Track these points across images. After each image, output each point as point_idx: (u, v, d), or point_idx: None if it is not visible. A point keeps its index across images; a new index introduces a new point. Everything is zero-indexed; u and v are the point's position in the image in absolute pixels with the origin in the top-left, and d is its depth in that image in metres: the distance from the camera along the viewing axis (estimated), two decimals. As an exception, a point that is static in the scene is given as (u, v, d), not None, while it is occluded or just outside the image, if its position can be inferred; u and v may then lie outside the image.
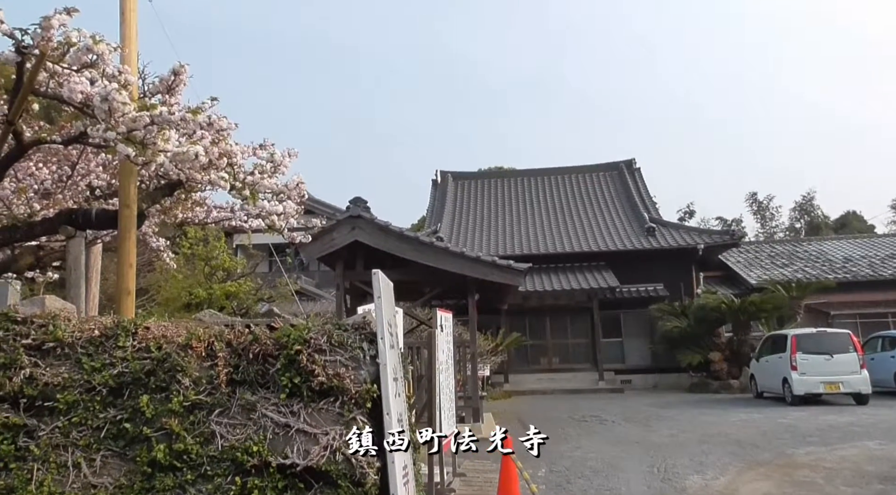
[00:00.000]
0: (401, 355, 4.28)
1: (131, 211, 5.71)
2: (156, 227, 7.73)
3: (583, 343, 26.80)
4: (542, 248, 27.34)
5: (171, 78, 5.88)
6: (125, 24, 5.74)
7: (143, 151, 4.94)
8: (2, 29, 4.77)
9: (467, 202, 33.12)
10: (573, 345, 27.09)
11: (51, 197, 6.95)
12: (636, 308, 26.43)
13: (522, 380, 24.94)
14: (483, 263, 14.35)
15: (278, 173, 6.38)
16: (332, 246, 13.57)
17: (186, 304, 17.38)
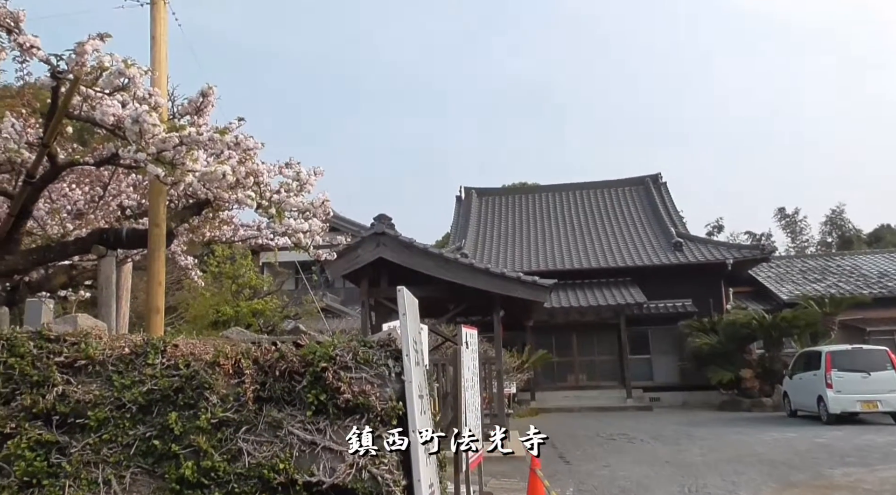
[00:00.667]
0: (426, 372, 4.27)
1: (161, 230, 5.81)
2: (184, 246, 7.85)
3: (610, 360, 26.45)
4: (568, 264, 27.14)
5: (200, 99, 6.01)
6: (156, 47, 5.89)
7: (172, 171, 5.04)
8: (38, 55, 4.93)
9: (492, 218, 33.10)
10: (600, 362, 26.74)
11: (83, 217, 7.12)
12: (664, 324, 26.04)
13: (549, 398, 24.67)
14: (508, 279, 14.29)
15: (304, 191, 6.45)
16: (356, 263, 13.64)
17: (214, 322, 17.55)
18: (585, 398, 24.60)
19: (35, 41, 4.91)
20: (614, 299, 25.20)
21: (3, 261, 5.89)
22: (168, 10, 5.94)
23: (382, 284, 14.07)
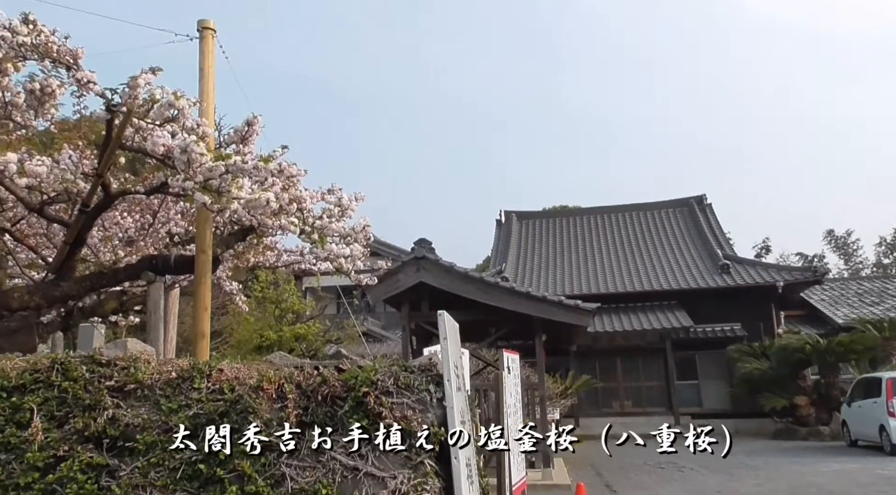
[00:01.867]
0: (468, 398, 4.22)
1: (207, 256, 5.95)
2: (229, 271, 8.02)
3: (656, 385, 25.79)
4: (611, 287, 26.72)
5: (245, 128, 6.17)
6: (204, 79, 6.08)
7: (218, 199, 5.16)
8: (94, 89, 5.15)
9: (532, 241, 32.93)
10: (646, 388, 26.09)
11: (134, 244, 7.35)
12: (712, 348, 25.30)
13: (594, 424, 24.08)
14: (550, 303, 14.12)
15: (345, 217, 6.54)
16: (397, 287, 13.68)
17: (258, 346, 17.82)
18: (632, 425, 23.81)
19: (92, 76, 5.14)
20: (660, 323, 24.65)
21: (59, 287, 6.10)
22: (216, 43, 6.16)
23: (423, 308, 14.07)
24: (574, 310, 14.10)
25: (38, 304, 6.02)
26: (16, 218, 7.33)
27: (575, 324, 14.48)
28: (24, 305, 5.85)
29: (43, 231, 7.49)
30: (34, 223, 7.37)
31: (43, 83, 5.15)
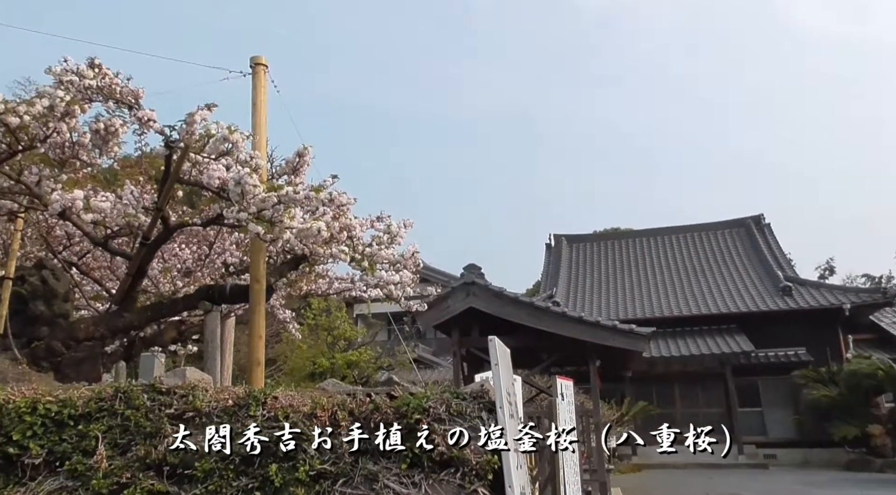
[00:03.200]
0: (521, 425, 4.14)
1: (261, 285, 6.07)
2: (283, 300, 8.17)
3: (716, 412, 24.82)
4: (667, 311, 26.04)
5: (296, 159, 6.33)
6: (256, 113, 6.28)
7: (271, 229, 5.28)
8: (154, 127, 5.39)
9: (583, 265, 32.49)
10: (705, 415, 25.13)
11: (191, 275, 7.58)
12: (775, 374, 24.25)
13: (651, 453, 23.31)
14: (603, 328, 13.83)
15: (395, 244, 6.60)
16: (447, 313, 13.65)
17: (311, 374, 18.01)
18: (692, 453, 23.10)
19: (152, 115, 5.38)
20: (718, 348, 23.83)
21: (122, 318, 6.32)
22: (267, 77, 6.36)
23: (474, 334, 13.98)
24: (628, 334, 13.78)
25: (103, 335, 6.25)
26: (82, 252, 7.68)
27: (629, 349, 14.13)
28: (89, 336, 6.08)
29: (107, 264, 7.82)
30: (99, 256, 7.70)
31: (107, 123, 5.41)
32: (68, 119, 5.20)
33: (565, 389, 7.88)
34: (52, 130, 5.21)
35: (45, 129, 5.19)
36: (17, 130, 5.05)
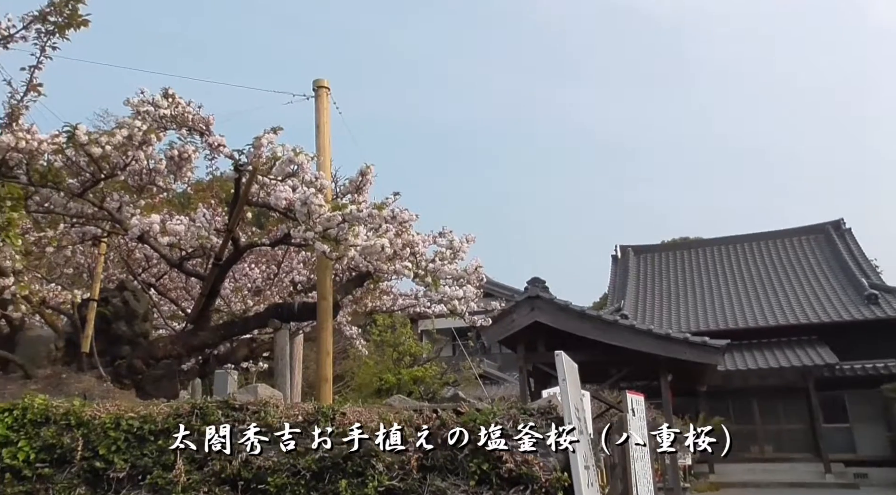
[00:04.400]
0: (591, 441, 4.04)
1: (328, 302, 6.18)
2: (349, 317, 8.29)
3: (800, 428, 23.56)
4: (741, 323, 25.00)
5: (359, 178, 6.45)
6: (320, 134, 6.44)
7: (336, 247, 5.38)
8: (224, 152, 5.60)
9: (651, 276, 31.63)
10: (788, 431, 23.90)
11: (261, 293, 7.80)
12: (864, 387, 22.84)
13: (730, 471, 22.33)
14: (674, 341, 13.43)
15: (457, 259, 6.60)
16: (512, 328, 13.56)
17: (377, 390, 18.15)
18: (774, 472, 21.95)
19: (222, 140, 5.61)
20: (799, 360, 22.67)
21: (197, 336, 6.56)
22: (330, 99, 6.52)
23: (539, 349, 13.82)
24: (701, 347, 13.33)
25: (180, 353, 6.49)
26: (159, 273, 8.03)
27: (702, 362, 13.66)
28: (167, 354, 6.33)
29: (182, 284, 8.15)
30: (175, 278, 8.04)
31: (180, 149, 5.66)
32: (145, 147, 5.46)
33: (636, 404, 7.65)
34: (130, 158, 5.49)
35: (124, 158, 5.47)
36: (100, 160, 5.34)
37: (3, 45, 5.49)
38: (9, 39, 5.46)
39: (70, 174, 5.50)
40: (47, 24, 5.35)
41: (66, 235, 6.21)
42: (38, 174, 5.35)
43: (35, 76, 5.55)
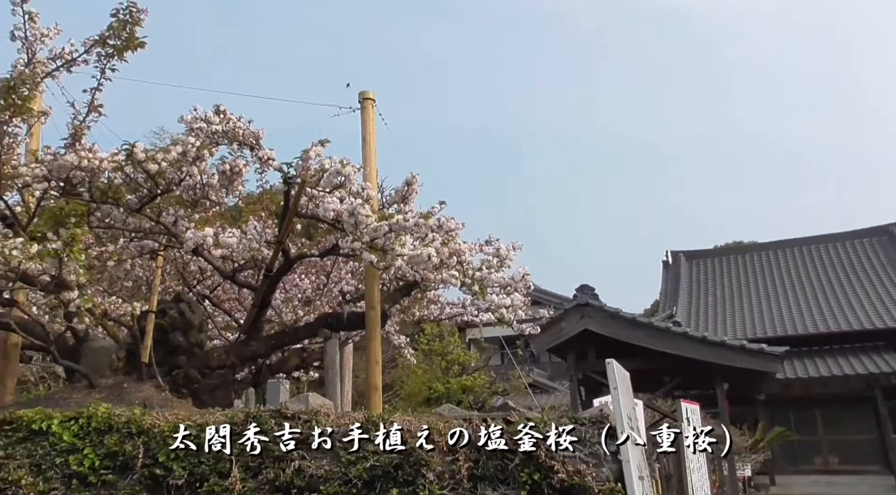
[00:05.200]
0: (645, 451, 3.94)
1: (376, 312, 6.23)
2: (397, 326, 8.34)
3: (867, 439, 22.48)
4: (801, 329, 24.07)
5: (405, 188, 6.50)
6: (366, 145, 6.52)
7: (383, 257, 5.42)
8: (273, 165, 5.73)
9: (704, 282, 30.81)
10: (854, 442, 22.84)
11: (311, 303, 7.92)
12: (936, 395, 21.68)
13: (792, 483, 21.46)
14: (729, 348, 13.04)
15: (504, 267, 6.56)
16: (561, 336, 13.41)
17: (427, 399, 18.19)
18: (840, 485, 20.99)
19: (271, 154, 5.74)
20: (865, 367, 21.69)
21: (249, 346, 6.70)
22: (376, 111, 6.60)
23: (590, 357, 13.61)
24: (758, 355, 12.91)
25: (234, 363, 6.64)
26: (213, 285, 8.25)
27: (760, 370, 13.22)
28: (222, 364, 6.48)
29: (235, 296, 8.35)
30: (228, 289, 8.24)
31: (232, 164, 5.82)
32: (199, 162, 5.64)
33: (691, 413, 7.45)
34: (185, 174, 5.68)
35: (179, 173, 5.65)
36: (156, 176, 5.54)
37: (67, 68, 5.77)
38: (72, 63, 5.74)
39: (128, 190, 5.72)
40: (107, 47, 5.59)
41: (125, 249, 6.45)
42: (100, 191, 5.58)
43: (96, 97, 5.80)
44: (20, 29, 5.62)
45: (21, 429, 4.25)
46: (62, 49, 5.73)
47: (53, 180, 5.45)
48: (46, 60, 5.72)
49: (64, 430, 4.18)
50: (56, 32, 5.74)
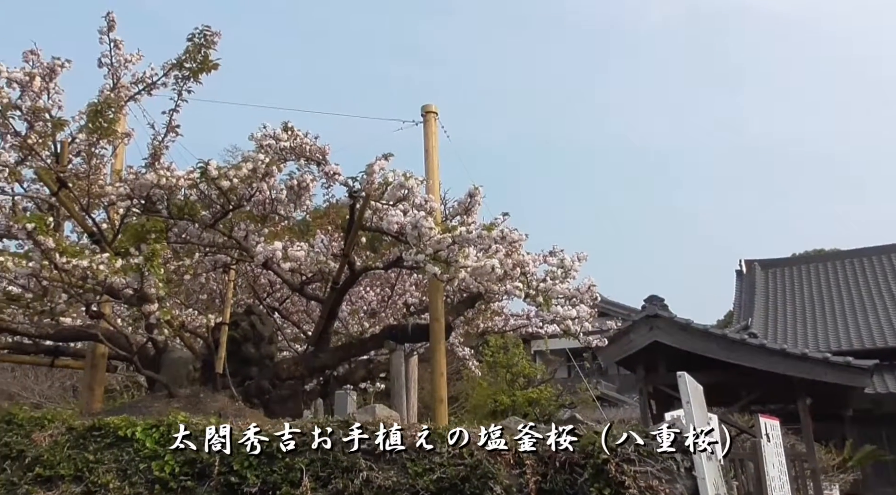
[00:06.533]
0: (721, 468, 3.78)
1: (440, 324, 6.25)
2: (461, 338, 8.34)
3: (971, 460, 20.82)
4: (891, 341, 22.63)
5: (468, 200, 6.52)
6: (429, 158, 6.59)
7: (447, 269, 5.44)
8: (339, 180, 5.86)
9: (782, 292, 29.42)
10: (956, 463, 21.19)
11: (376, 315, 8.02)
12: None
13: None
14: (811, 361, 12.39)
15: (569, 278, 6.47)
16: (629, 348, 13.08)
17: (492, 411, 18.05)
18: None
19: (337, 169, 5.88)
20: (963, 382, 20.15)
21: (317, 358, 6.84)
22: (438, 124, 6.67)
23: (660, 370, 13.21)
24: (844, 368, 12.20)
25: (303, 374, 6.79)
26: (282, 298, 8.48)
27: (846, 384, 12.49)
28: (291, 375, 6.63)
29: (303, 308, 8.55)
30: (296, 301, 8.45)
31: (299, 179, 5.99)
32: (268, 178, 5.83)
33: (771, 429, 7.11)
34: (255, 190, 5.88)
35: (249, 189, 5.87)
36: (229, 192, 5.76)
37: (148, 92, 6.09)
38: (152, 86, 6.06)
39: (203, 206, 5.97)
40: (183, 70, 5.87)
41: (200, 263, 6.72)
42: (177, 208, 5.84)
43: (173, 118, 6.09)
44: (107, 56, 5.97)
45: (108, 436, 4.46)
46: (143, 73, 6.06)
47: (135, 198, 5.76)
48: (129, 84, 6.05)
49: (147, 437, 4.37)
50: (138, 58, 6.08)
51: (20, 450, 4.50)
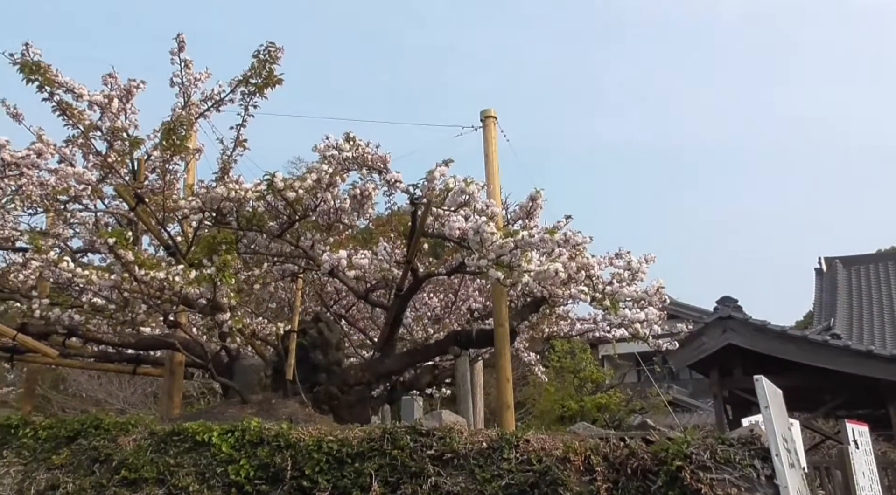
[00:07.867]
0: (805, 476, 3.59)
1: (505, 329, 6.20)
2: (526, 343, 8.26)
3: None
4: None
5: (529, 203, 6.46)
6: (489, 163, 6.57)
7: (510, 274, 5.40)
8: (400, 187, 5.92)
9: (867, 290, 27.75)
10: None
11: (440, 321, 8.05)
12: None
13: None
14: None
15: (637, 280, 6.32)
16: (702, 351, 12.66)
17: (560, 417, 17.80)
18: None
19: (398, 176, 5.94)
20: None
21: (383, 364, 6.92)
22: (497, 128, 6.65)
23: (735, 374, 12.74)
24: (938, 370, 11.41)
25: (369, 380, 6.87)
26: (348, 305, 8.63)
27: (941, 387, 11.67)
28: (358, 381, 6.73)
29: (368, 315, 8.67)
30: (362, 308, 8.58)
31: (362, 188, 6.09)
32: (332, 188, 5.96)
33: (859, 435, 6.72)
34: (320, 200, 6.02)
35: (314, 200, 6.01)
36: (294, 203, 5.91)
37: (216, 108, 6.34)
38: (220, 103, 6.30)
39: (270, 217, 6.15)
40: (249, 85, 6.08)
41: (269, 273, 6.92)
42: (245, 219, 6.04)
43: (241, 133, 6.31)
44: (178, 76, 6.25)
45: (187, 440, 4.64)
46: (212, 90, 6.31)
47: (207, 211, 5.99)
48: (199, 102, 6.31)
49: (223, 442, 4.52)
50: (206, 76, 6.33)
51: (108, 454, 4.73)
